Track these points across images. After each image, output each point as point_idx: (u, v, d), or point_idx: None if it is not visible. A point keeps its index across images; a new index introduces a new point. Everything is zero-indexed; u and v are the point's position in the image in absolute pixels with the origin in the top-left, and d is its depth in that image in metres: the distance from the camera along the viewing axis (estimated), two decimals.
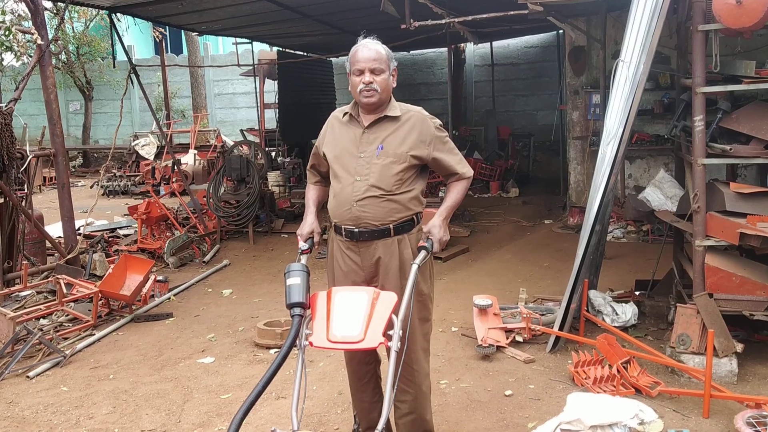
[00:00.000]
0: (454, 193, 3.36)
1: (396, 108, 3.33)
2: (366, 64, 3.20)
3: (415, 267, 3.04)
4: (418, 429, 3.42)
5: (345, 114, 3.40)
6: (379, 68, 3.21)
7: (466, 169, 3.39)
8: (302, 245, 3.31)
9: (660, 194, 5.62)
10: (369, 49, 3.22)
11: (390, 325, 2.79)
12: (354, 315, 2.78)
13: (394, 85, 3.32)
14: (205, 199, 9.88)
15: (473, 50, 16.00)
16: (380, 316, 2.79)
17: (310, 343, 2.79)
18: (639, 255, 7.90)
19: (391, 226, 3.24)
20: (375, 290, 2.91)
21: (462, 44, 15.24)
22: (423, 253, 3.12)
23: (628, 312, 5.49)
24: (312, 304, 2.89)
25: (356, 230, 3.24)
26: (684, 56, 5.75)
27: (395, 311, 2.83)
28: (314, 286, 2.97)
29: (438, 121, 3.38)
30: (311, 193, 3.60)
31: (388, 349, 2.77)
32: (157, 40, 15.02)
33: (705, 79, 4.61)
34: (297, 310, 2.82)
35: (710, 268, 4.65)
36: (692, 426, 3.89)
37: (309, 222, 3.40)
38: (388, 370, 2.74)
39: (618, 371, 4.39)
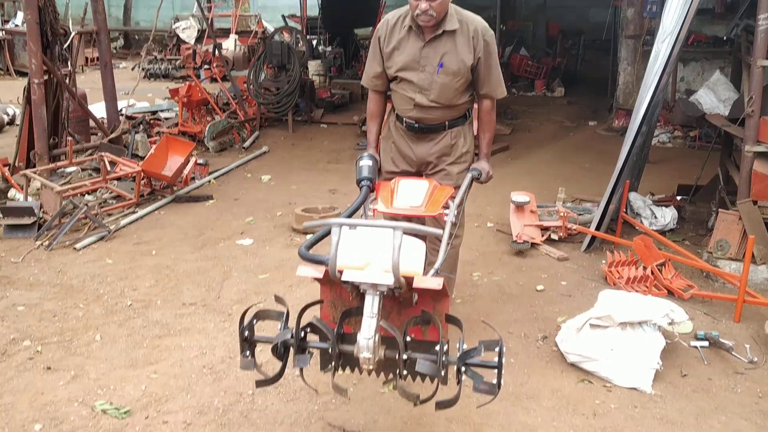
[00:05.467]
0: (487, 125, 3.60)
1: (453, 19, 3.36)
2: None
3: (469, 176, 3.40)
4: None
5: (404, 24, 3.42)
6: None
7: (499, 90, 3.53)
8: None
9: (713, 97, 5.43)
10: None
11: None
12: (416, 193, 3.04)
13: None
14: (245, 85, 9.82)
15: None
16: (438, 197, 3.08)
17: (374, 210, 3.04)
18: (684, 161, 7.72)
19: (446, 122, 3.54)
20: (435, 182, 3.21)
21: None
22: (472, 175, 3.43)
23: (667, 216, 5.43)
24: (378, 188, 3.23)
25: (416, 125, 3.54)
26: None
27: (452, 197, 3.17)
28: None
29: (491, 33, 3.47)
30: (373, 123, 3.66)
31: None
32: None
33: None
34: (366, 182, 3.21)
35: (757, 175, 4.52)
36: (722, 329, 3.91)
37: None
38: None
39: (652, 273, 4.39)
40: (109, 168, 6.23)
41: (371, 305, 2.45)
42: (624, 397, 3.27)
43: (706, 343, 3.70)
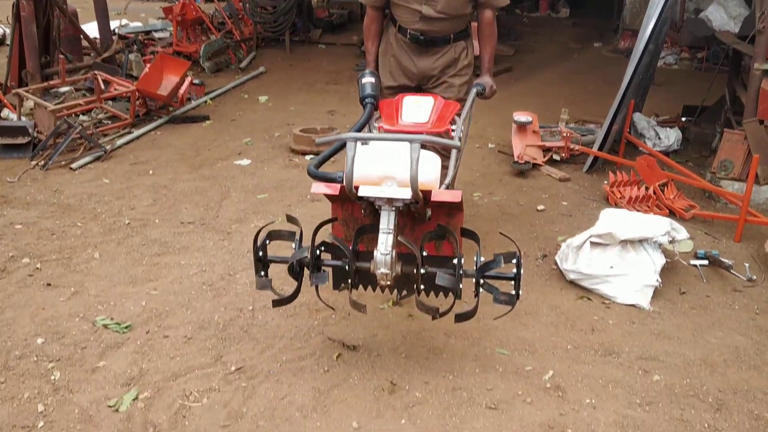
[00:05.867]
0: (489, 38, 3.52)
1: None
2: None
3: (474, 91, 3.34)
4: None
5: None
6: None
7: None
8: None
9: (723, 13, 5.27)
10: None
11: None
12: (421, 109, 2.98)
13: None
14: (241, 3, 9.55)
15: None
16: (445, 113, 3.01)
17: (379, 128, 2.95)
18: (690, 83, 7.57)
19: (451, 35, 3.50)
20: (440, 98, 3.13)
21: None
22: (476, 90, 3.37)
23: (671, 137, 5.35)
24: (381, 106, 3.13)
25: (421, 38, 3.47)
26: None
27: (458, 113, 3.11)
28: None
29: None
30: (371, 41, 3.60)
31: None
32: None
33: None
34: (369, 100, 3.12)
35: (765, 94, 4.43)
36: (722, 248, 3.90)
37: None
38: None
39: (654, 192, 4.36)
40: (103, 87, 6.10)
41: (387, 221, 2.42)
42: (622, 313, 3.29)
43: (705, 262, 3.69)
